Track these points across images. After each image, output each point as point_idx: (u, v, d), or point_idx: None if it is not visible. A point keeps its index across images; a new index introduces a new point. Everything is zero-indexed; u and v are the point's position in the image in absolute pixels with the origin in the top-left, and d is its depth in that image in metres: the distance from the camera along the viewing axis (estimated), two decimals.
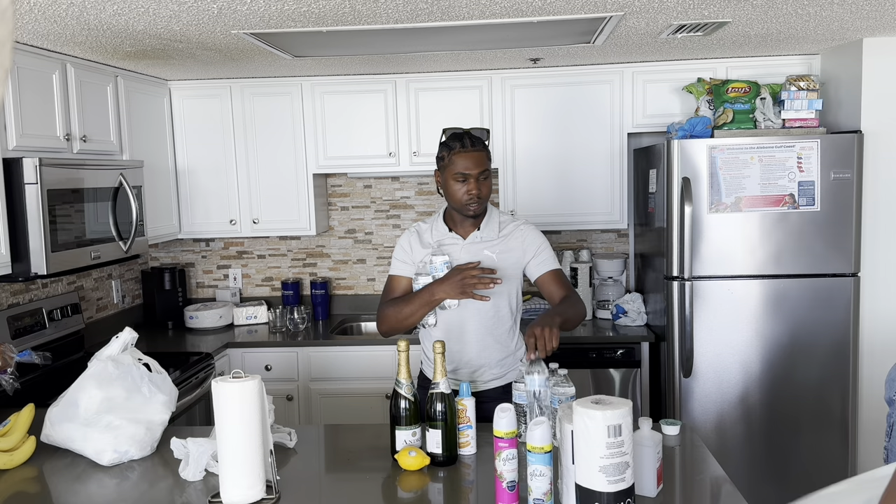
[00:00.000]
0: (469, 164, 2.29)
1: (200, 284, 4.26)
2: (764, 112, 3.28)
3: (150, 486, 1.88)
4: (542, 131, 3.70)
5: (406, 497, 1.83)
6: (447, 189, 2.35)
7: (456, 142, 2.32)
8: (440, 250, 2.34)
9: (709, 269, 3.19)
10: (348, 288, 4.21)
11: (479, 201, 2.31)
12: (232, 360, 3.60)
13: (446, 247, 2.38)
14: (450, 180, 2.32)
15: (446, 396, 1.92)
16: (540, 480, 1.60)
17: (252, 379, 1.73)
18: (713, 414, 3.24)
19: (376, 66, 3.51)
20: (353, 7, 2.32)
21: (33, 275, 2.62)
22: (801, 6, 2.50)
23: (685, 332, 3.19)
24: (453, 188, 2.32)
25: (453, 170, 2.30)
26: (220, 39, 2.78)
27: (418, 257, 2.39)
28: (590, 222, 3.77)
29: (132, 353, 2.13)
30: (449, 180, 2.32)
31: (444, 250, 2.36)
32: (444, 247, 2.39)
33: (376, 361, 3.52)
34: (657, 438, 1.71)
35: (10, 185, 2.57)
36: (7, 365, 2.35)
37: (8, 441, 2.01)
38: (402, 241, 2.47)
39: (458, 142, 2.32)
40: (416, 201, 4.14)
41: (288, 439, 2.09)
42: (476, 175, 2.29)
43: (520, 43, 3.02)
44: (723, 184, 3.14)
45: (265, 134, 3.80)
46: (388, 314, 2.33)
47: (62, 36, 2.61)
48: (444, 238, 2.40)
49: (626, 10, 2.49)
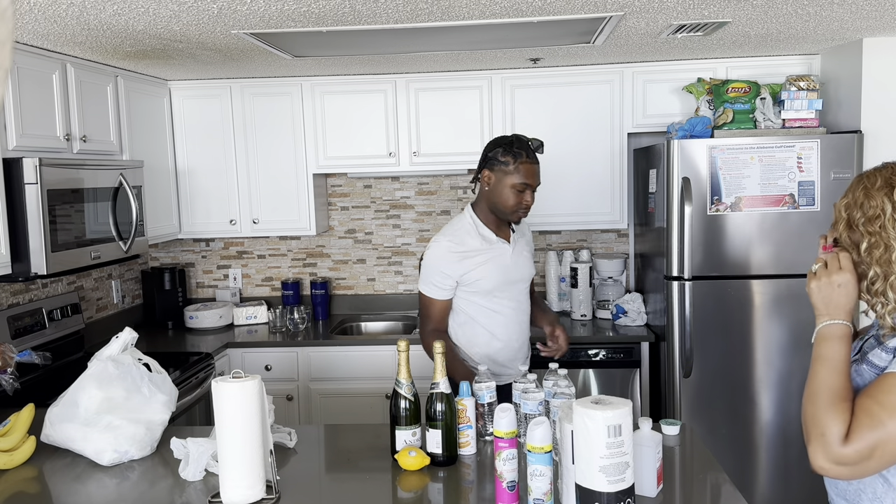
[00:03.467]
0: (532, 176, 2.37)
1: (200, 284, 4.26)
2: (764, 112, 3.28)
3: (150, 486, 1.88)
4: (542, 131, 3.69)
5: (406, 497, 1.83)
6: (500, 193, 2.38)
7: (523, 150, 2.36)
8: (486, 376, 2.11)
9: (709, 269, 3.19)
10: (348, 288, 4.22)
11: (527, 212, 2.41)
12: (232, 360, 3.60)
13: (492, 248, 2.42)
14: (507, 187, 2.36)
15: (446, 396, 1.92)
16: (540, 480, 1.60)
17: (252, 379, 1.73)
18: (713, 414, 3.24)
19: (376, 66, 3.51)
20: (353, 7, 2.32)
21: (33, 275, 2.62)
22: (801, 6, 2.50)
23: (685, 332, 3.19)
24: (507, 194, 2.37)
25: (515, 178, 2.35)
26: (220, 39, 2.78)
27: (461, 271, 2.40)
28: (590, 222, 3.77)
29: (132, 353, 2.13)
30: (506, 186, 2.36)
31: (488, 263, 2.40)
32: (493, 246, 2.42)
33: (376, 361, 3.52)
34: (657, 438, 1.71)
35: (10, 185, 2.57)
36: (7, 365, 2.35)
37: (8, 441, 2.01)
38: (439, 265, 2.41)
39: (525, 151, 2.36)
40: (416, 201, 4.14)
41: (288, 439, 2.09)
42: (534, 187, 2.38)
43: (520, 43, 3.02)
44: (723, 184, 3.14)
45: (265, 134, 3.80)
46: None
47: (62, 36, 2.61)
48: (493, 242, 2.45)
49: (626, 10, 2.49)
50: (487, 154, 2.42)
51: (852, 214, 1.41)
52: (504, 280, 2.44)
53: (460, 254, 2.40)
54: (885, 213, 1.36)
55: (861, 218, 1.39)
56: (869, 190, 1.39)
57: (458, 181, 4.11)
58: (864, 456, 1.28)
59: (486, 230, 2.44)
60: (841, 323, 1.39)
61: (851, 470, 1.31)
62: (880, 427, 1.27)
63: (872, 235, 1.37)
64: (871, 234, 1.37)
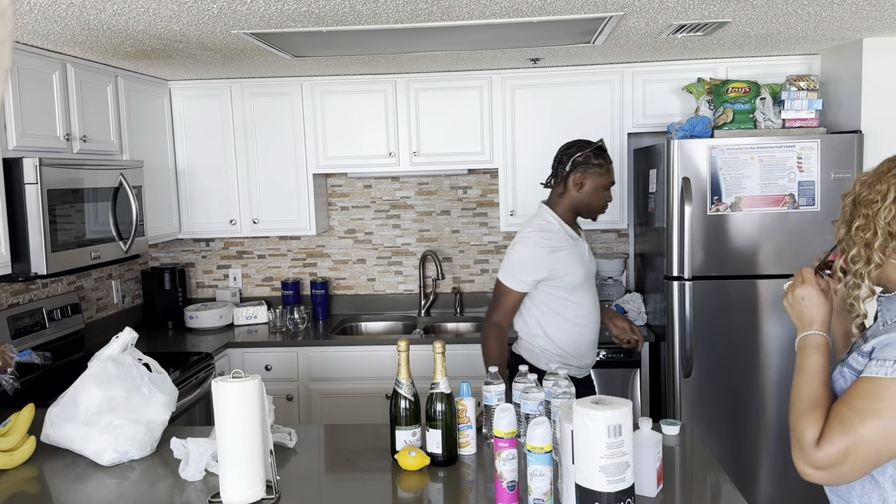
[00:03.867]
0: (613, 177, 2.62)
1: (200, 284, 4.27)
2: (764, 112, 3.28)
3: (150, 486, 1.88)
4: (542, 131, 3.70)
5: (406, 497, 1.83)
6: (593, 193, 2.57)
7: (606, 153, 2.60)
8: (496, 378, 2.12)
9: (709, 269, 3.19)
10: (348, 288, 4.22)
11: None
12: (232, 360, 3.60)
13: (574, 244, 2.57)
14: (600, 187, 2.57)
15: (446, 396, 1.92)
16: (540, 480, 1.60)
17: (252, 379, 1.73)
18: (713, 414, 3.24)
19: (376, 66, 3.51)
20: (353, 7, 2.32)
21: (33, 275, 2.62)
22: (801, 6, 2.50)
23: (685, 332, 3.19)
24: (600, 194, 2.58)
25: (608, 179, 2.58)
26: (220, 39, 2.78)
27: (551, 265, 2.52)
28: (590, 222, 3.76)
29: (132, 353, 2.13)
30: (599, 186, 2.56)
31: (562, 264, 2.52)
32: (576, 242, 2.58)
33: (376, 361, 3.52)
34: (657, 438, 1.71)
35: (10, 185, 2.57)
36: (7, 365, 2.35)
37: (8, 441, 2.01)
38: (532, 258, 2.52)
39: (606, 153, 2.60)
40: (416, 201, 4.14)
41: (288, 439, 2.09)
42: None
43: (520, 43, 3.02)
44: (723, 184, 3.14)
45: (265, 134, 3.80)
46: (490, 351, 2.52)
47: (62, 36, 2.61)
48: (576, 238, 2.61)
49: (626, 10, 2.49)
50: (576, 158, 2.54)
51: (861, 191, 1.42)
52: (586, 274, 2.60)
53: (550, 248, 2.51)
54: (886, 199, 1.37)
55: (865, 197, 1.40)
56: (884, 174, 1.40)
57: (458, 181, 4.11)
58: (836, 460, 1.29)
59: (568, 228, 2.59)
60: (814, 333, 1.43)
61: (828, 474, 1.32)
62: (851, 431, 1.28)
63: (866, 218, 1.39)
64: (865, 217, 1.39)
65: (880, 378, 1.29)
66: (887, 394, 1.28)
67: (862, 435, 1.28)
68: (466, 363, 3.31)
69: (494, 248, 4.13)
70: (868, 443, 1.27)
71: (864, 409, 1.29)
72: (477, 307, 4.11)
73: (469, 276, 4.15)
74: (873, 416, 1.27)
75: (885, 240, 1.36)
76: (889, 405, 1.27)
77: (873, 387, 1.30)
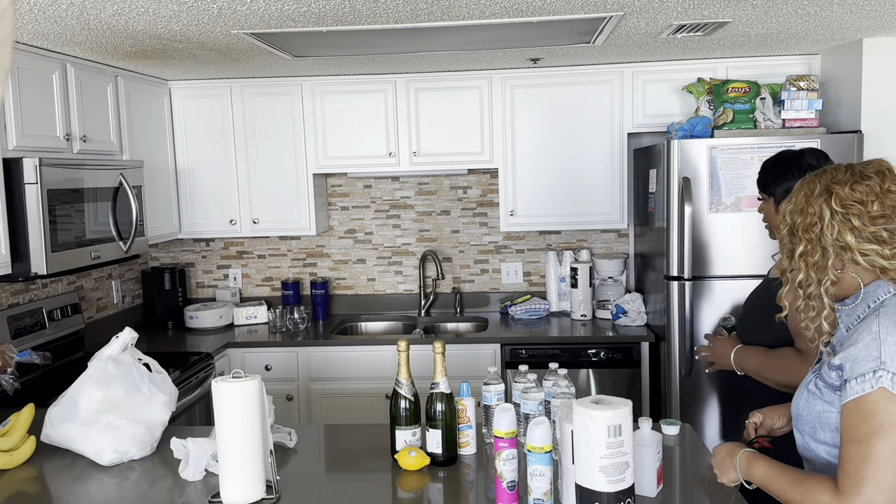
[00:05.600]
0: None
1: (200, 284, 4.27)
2: (764, 112, 3.28)
3: (150, 486, 1.88)
4: (542, 131, 3.70)
5: (406, 497, 1.83)
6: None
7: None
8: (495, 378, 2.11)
9: (709, 269, 3.19)
10: (348, 288, 4.22)
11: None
12: (232, 360, 3.60)
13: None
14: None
15: (446, 396, 1.92)
16: (540, 480, 1.60)
17: (252, 379, 1.73)
18: (713, 414, 3.24)
19: (376, 66, 3.51)
20: (353, 7, 2.32)
21: (33, 275, 2.62)
22: (801, 6, 2.50)
23: (685, 332, 3.19)
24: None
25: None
26: (220, 39, 2.78)
27: None
28: (590, 222, 3.77)
29: (132, 353, 2.13)
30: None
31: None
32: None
33: (376, 361, 3.52)
34: (657, 438, 1.71)
35: (10, 185, 2.57)
36: (7, 365, 2.35)
37: (8, 441, 2.01)
38: None
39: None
40: (416, 201, 4.14)
41: (288, 439, 2.09)
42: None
43: (520, 43, 3.02)
44: (723, 184, 3.14)
45: (265, 134, 3.80)
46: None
47: (62, 36, 2.61)
48: None
49: (626, 10, 2.49)
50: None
51: (794, 220, 1.43)
52: None
53: None
54: (824, 220, 1.37)
55: (801, 224, 1.41)
56: (809, 196, 1.41)
57: (458, 181, 4.11)
58: (871, 498, 1.24)
59: None
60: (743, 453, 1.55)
61: None
62: (865, 462, 1.25)
63: (810, 242, 1.39)
64: (809, 241, 1.39)
65: (864, 396, 1.28)
66: (878, 408, 1.26)
67: (877, 457, 1.25)
68: (466, 363, 3.32)
69: (494, 248, 4.13)
70: (886, 461, 1.24)
71: (864, 434, 1.27)
72: (477, 307, 4.11)
73: (469, 276, 4.15)
74: (876, 435, 1.25)
75: (838, 255, 1.36)
76: (886, 418, 1.25)
77: (861, 408, 1.28)
